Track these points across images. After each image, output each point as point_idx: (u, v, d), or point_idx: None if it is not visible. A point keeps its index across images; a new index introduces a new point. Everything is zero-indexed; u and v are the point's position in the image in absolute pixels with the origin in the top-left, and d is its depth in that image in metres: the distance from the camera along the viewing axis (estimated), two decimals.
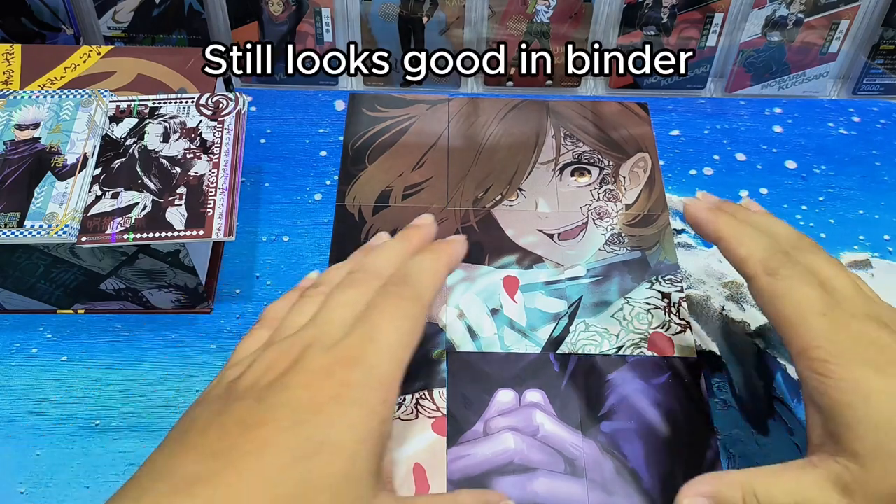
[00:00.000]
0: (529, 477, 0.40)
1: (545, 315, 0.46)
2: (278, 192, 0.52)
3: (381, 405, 0.30)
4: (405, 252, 0.36)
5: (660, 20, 0.56)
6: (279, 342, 0.32)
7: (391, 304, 0.33)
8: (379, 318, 0.32)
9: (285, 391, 0.29)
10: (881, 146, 0.56)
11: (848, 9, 0.56)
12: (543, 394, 0.43)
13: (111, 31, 0.57)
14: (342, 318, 0.32)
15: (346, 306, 0.33)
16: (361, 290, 0.34)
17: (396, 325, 0.32)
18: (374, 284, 0.34)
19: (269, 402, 0.29)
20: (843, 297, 0.34)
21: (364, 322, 0.32)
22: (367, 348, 0.31)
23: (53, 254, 0.41)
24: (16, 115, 0.43)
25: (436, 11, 0.56)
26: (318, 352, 0.31)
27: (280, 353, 0.31)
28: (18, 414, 0.42)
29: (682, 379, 0.44)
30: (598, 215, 0.51)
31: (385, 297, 0.33)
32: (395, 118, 0.56)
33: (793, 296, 0.34)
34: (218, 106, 0.45)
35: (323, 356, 0.30)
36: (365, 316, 0.32)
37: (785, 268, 0.35)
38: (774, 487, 0.32)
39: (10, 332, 0.45)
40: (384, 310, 0.32)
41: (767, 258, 0.36)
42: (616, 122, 0.56)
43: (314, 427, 0.28)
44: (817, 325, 0.33)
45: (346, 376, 0.30)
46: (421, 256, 0.35)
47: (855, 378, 0.31)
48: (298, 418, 0.28)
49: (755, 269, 0.36)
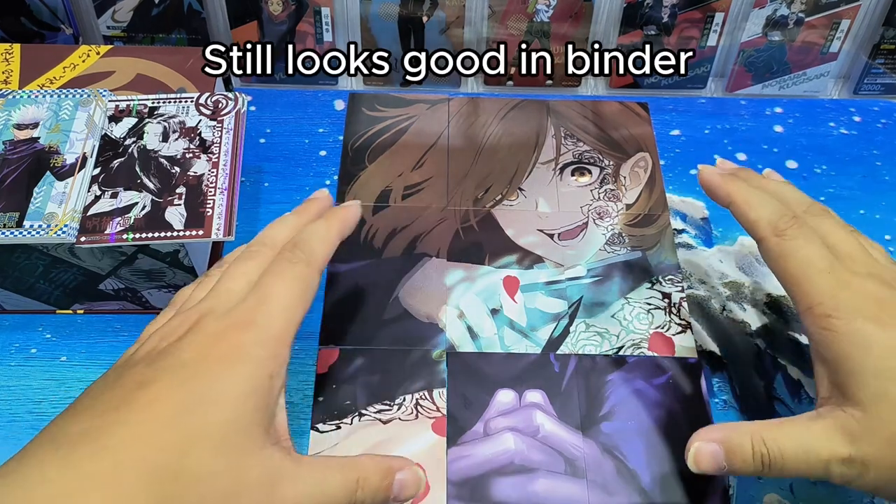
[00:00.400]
0: (530, 477, 0.40)
1: (545, 315, 0.46)
2: (278, 192, 0.52)
3: (270, 360, 0.31)
4: (299, 223, 0.38)
5: (660, 20, 0.56)
6: (176, 315, 0.33)
7: (282, 267, 0.34)
8: (271, 281, 0.33)
9: (176, 354, 0.30)
10: (882, 146, 0.56)
11: (849, 8, 0.56)
12: (543, 394, 0.43)
13: (110, 31, 0.57)
14: (238, 287, 0.34)
15: (242, 276, 0.34)
16: (257, 260, 0.35)
17: (287, 285, 0.33)
18: (268, 255, 0.35)
19: (159, 364, 0.30)
20: (847, 257, 0.35)
21: (257, 288, 0.33)
22: (258, 310, 0.32)
23: (53, 254, 0.41)
24: (15, 115, 0.43)
25: (436, 11, 0.56)
26: (213, 319, 0.32)
27: (176, 324, 0.32)
28: (18, 414, 0.41)
29: (682, 379, 0.44)
30: (599, 215, 0.51)
31: (277, 262, 0.34)
32: (395, 118, 0.56)
33: (798, 255, 0.35)
34: (217, 105, 0.44)
35: (217, 322, 0.32)
36: (259, 282, 0.34)
37: (792, 229, 0.36)
38: (783, 436, 0.33)
39: (9, 332, 0.44)
40: (275, 273, 0.34)
41: (776, 220, 0.37)
42: (616, 122, 0.56)
43: (200, 383, 0.29)
44: (821, 282, 0.34)
45: (238, 338, 0.31)
46: (313, 224, 0.37)
47: (856, 330, 0.33)
48: (186, 376, 0.29)
49: (765, 231, 0.37)
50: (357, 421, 0.42)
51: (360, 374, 0.43)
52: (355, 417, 0.42)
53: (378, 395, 0.42)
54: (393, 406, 0.42)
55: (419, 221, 0.50)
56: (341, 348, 0.44)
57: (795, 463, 0.33)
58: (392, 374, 0.43)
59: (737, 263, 0.49)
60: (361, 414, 0.42)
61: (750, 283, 0.48)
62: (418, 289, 0.47)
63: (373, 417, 0.42)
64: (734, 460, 0.34)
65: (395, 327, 0.45)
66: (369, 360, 0.44)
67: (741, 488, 0.40)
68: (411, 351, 0.44)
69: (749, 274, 0.49)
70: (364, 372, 0.43)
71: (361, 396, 0.42)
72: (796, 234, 0.36)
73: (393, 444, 0.41)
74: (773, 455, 0.33)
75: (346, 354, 0.44)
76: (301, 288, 0.34)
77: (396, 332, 0.45)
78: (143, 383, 0.29)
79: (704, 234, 0.50)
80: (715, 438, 0.35)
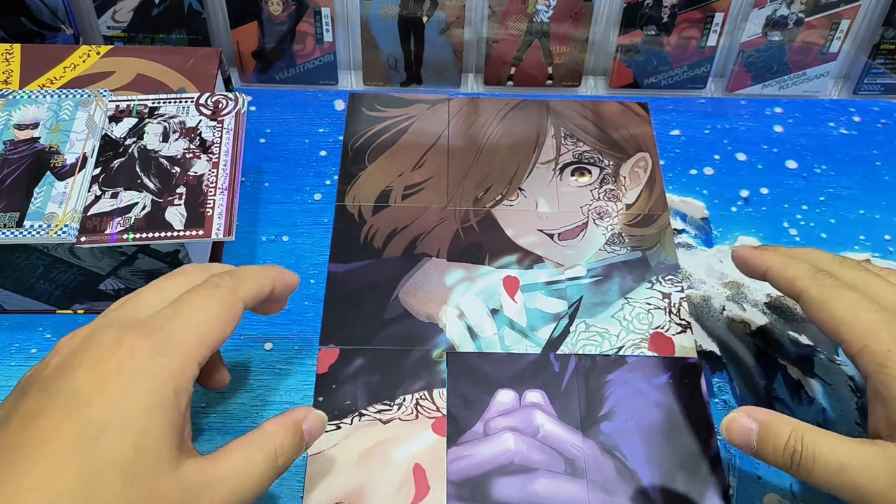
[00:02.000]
0: (530, 477, 0.40)
1: (545, 315, 0.46)
2: (278, 191, 0.52)
3: (175, 374, 0.29)
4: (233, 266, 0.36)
5: (660, 20, 0.56)
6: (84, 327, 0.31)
7: (206, 288, 0.32)
8: (190, 296, 0.32)
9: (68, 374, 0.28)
10: (882, 146, 0.56)
11: (848, 8, 0.56)
12: (543, 394, 0.43)
13: (111, 31, 0.57)
14: (149, 301, 0.32)
15: (157, 291, 0.33)
16: (178, 281, 0.33)
17: (206, 303, 0.32)
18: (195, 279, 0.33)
19: (51, 389, 0.28)
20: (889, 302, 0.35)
21: (175, 301, 0.31)
22: (167, 322, 0.30)
23: (53, 254, 0.41)
24: (15, 115, 0.43)
25: (436, 11, 0.56)
26: (112, 329, 0.30)
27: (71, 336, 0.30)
28: None
29: (682, 379, 0.44)
30: (599, 215, 0.51)
31: (202, 284, 0.33)
32: (395, 118, 0.56)
33: (843, 298, 0.35)
34: (217, 105, 0.44)
35: (115, 331, 0.29)
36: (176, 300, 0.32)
37: (830, 278, 0.36)
38: (824, 443, 0.33)
39: (9, 332, 0.44)
40: (198, 290, 0.32)
41: (813, 273, 0.37)
42: (616, 122, 0.56)
43: (96, 408, 0.27)
44: (871, 319, 0.34)
45: (135, 344, 0.29)
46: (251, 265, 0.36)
47: None
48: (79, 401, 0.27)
49: (804, 283, 0.37)
50: (357, 421, 0.42)
51: (360, 374, 0.43)
52: (355, 417, 0.42)
53: (378, 395, 0.42)
54: (393, 406, 0.42)
55: (419, 221, 0.50)
56: (341, 348, 0.44)
57: (826, 473, 0.32)
58: (392, 374, 0.43)
59: None
60: (361, 414, 0.42)
61: (750, 283, 0.48)
62: (418, 289, 0.47)
63: (373, 417, 0.42)
64: (766, 445, 0.34)
65: (395, 327, 0.45)
66: (369, 360, 0.44)
67: (741, 488, 0.40)
68: (411, 351, 0.44)
69: None
70: (364, 372, 0.43)
71: (361, 396, 0.42)
72: (837, 282, 0.36)
73: (393, 445, 0.41)
74: (805, 455, 0.33)
75: (347, 354, 0.44)
76: (222, 309, 0.32)
77: (396, 332, 0.45)
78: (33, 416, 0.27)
79: (704, 234, 0.50)
80: (756, 417, 0.34)
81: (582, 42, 0.58)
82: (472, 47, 0.58)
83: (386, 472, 0.40)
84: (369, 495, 0.39)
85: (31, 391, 0.28)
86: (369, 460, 0.40)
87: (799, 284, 0.37)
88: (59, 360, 0.29)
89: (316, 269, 0.48)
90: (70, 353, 0.29)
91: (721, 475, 0.40)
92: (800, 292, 0.37)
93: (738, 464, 0.41)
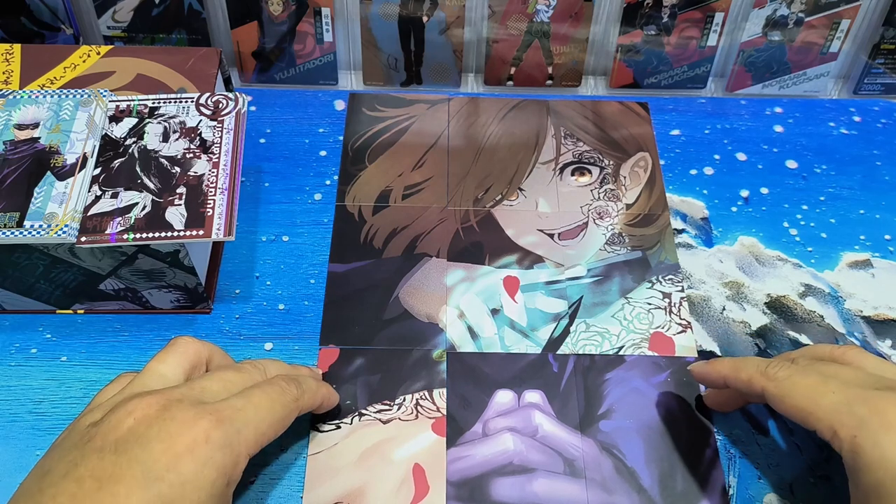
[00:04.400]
0: (529, 477, 0.40)
1: (546, 315, 0.46)
2: (278, 191, 0.52)
3: (233, 468, 0.32)
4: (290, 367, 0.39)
5: (660, 20, 0.56)
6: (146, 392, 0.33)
7: (275, 389, 0.35)
8: (259, 395, 0.34)
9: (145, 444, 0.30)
10: (882, 146, 0.56)
11: (849, 8, 0.56)
12: (542, 394, 0.43)
13: (111, 31, 0.57)
14: (216, 388, 0.34)
15: (223, 381, 0.35)
16: (244, 376, 0.36)
17: (272, 406, 0.34)
18: (256, 377, 0.36)
19: (127, 455, 0.30)
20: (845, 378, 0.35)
21: (242, 395, 0.34)
22: (237, 413, 0.32)
23: (53, 254, 0.41)
24: (15, 115, 0.43)
25: (436, 11, 0.56)
26: (187, 405, 0.32)
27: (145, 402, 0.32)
28: (18, 414, 0.41)
29: (681, 378, 0.44)
30: (599, 215, 0.51)
31: (270, 383, 0.35)
32: (395, 118, 0.56)
33: (798, 389, 0.35)
34: (217, 106, 0.44)
35: (190, 409, 0.32)
36: (244, 392, 0.34)
37: (782, 370, 0.36)
38: None
39: (9, 332, 0.44)
40: (266, 391, 0.35)
41: (764, 369, 0.37)
42: (616, 122, 0.56)
43: (167, 485, 0.30)
44: (831, 402, 0.34)
45: (210, 430, 0.31)
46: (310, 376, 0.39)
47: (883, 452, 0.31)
48: (153, 475, 0.30)
49: (759, 382, 0.36)
50: (357, 421, 0.42)
51: (360, 374, 0.43)
52: (355, 417, 0.42)
53: (378, 395, 0.42)
54: (393, 406, 0.42)
55: (419, 221, 0.50)
56: (341, 348, 0.44)
57: None
58: (392, 374, 0.43)
59: (737, 263, 0.49)
60: (361, 414, 0.42)
61: (750, 283, 0.48)
62: (418, 289, 0.47)
63: (373, 417, 0.42)
64: None
65: (395, 327, 0.45)
66: (369, 360, 0.44)
67: (741, 488, 0.40)
68: (411, 351, 0.44)
69: (749, 274, 0.49)
70: (364, 372, 0.43)
71: (361, 396, 0.42)
72: (788, 374, 0.36)
73: (393, 445, 0.41)
74: None
75: (347, 354, 0.44)
76: (283, 415, 0.35)
77: (396, 332, 0.45)
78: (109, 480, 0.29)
79: (704, 234, 0.50)
80: None
81: (582, 42, 0.58)
82: (472, 47, 0.58)
83: (385, 472, 0.40)
84: (369, 495, 0.39)
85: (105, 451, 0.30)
86: (369, 460, 0.40)
87: (755, 385, 0.37)
88: (134, 425, 0.31)
89: (316, 269, 0.48)
90: (146, 421, 0.31)
91: (720, 473, 0.40)
92: (761, 392, 0.36)
93: (738, 463, 0.41)
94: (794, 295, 0.48)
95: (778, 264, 0.49)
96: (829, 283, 0.48)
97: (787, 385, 0.35)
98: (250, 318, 0.46)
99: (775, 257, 0.49)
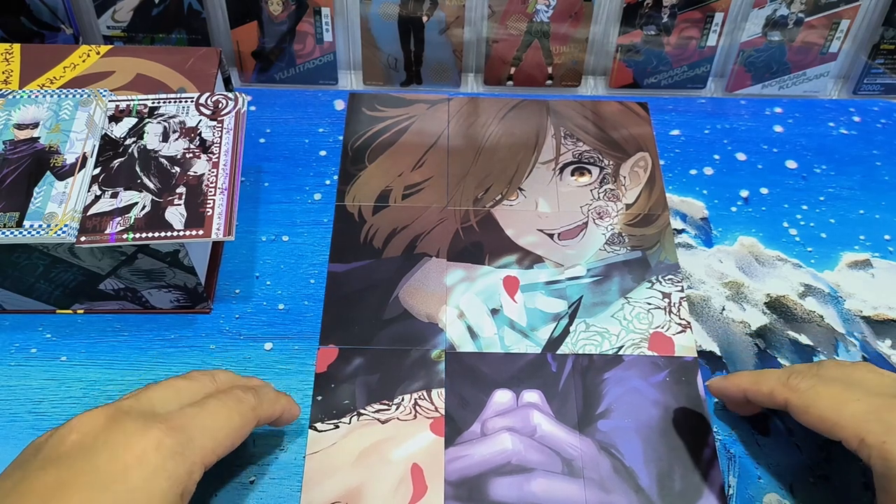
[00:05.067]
0: (527, 477, 0.40)
1: (545, 315, 0.46)
2: (278, 191, 0.52)
3: (187, 477, 0.31)
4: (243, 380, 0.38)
5: (660, 20, 0.56)
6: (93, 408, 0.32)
7: (231, 398, 0.34)
8: (214, 404, 0.33)
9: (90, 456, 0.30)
10: (882, 146, 0.56)
11: (848, 8, 0.56)
12: (541, 394, 0.43)
13: (110, 31, 0.57)
14: (166, 397, 0.33)
15: (172, 389, 0.34)
16: (193, 384, 0.35)
17: (229, 415, 0.34)
18: (207, 384, 0.35)
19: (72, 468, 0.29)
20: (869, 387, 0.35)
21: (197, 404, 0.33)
22: (190, 422, 0.32)
23: (52, 254, 0.41)
24: (15, 115, 0.43)
25: (436, 11, 0.56)
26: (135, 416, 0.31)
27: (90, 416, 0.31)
28: (18, 414, 0.42)
29: (681, 378, 0.44)
30: (599, 215, 0.51)
31: (227, 393, 0.35)
32: (395, 118, 0.56)
33: (822, 398, 0.35)
34: (217, 105, 0.44)
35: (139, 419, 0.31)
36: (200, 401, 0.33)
37: (805, 380, 0.36)
38: None
39: (9, 332, 0.45)
40: (222, 400, 0.34)
41: (786, 380, 0.37)
42: (616, 122, 0.56)
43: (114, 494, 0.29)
44: (856, 411, 0.34)
45: (161, 439, 0.30)
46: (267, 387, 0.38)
47: None
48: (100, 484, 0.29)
49: (782, 394, 0.37)
50: (355, 420, 0.42)
51: (359, 374, 0.43)
52: (354, 417, 0.42)
53: (377, 395, 0.42)
54: (391, 406, 0.42)
55: (419, 221, 0.50)
56: (340, 348, 0.44)
57: None
58: (391, 374, 0.43)
59: (736, 263, 0.49)
60: (360, 413, 0.42)
61: (749, 284, 0.48)
62: (418, 289, 0.47)
63: (371, 417, 0.42)
64: None
65: (394, 327, 0.45)
66: (368, 360, 0.44)
67: (741, 488, 0.40)
68: (410, 351, 0.44)
69: (749, 274, 0.49)
70: (363, 371, 0.43)
71: (360, 396, 0.42)
72: (812, 384, 0.36)
73: (391, 444, 0.41)
74: None
75: (346, 354, 0.44)
76: (240, 424, 0.34)
77: (396, 332, 0.45)
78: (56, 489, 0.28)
79: (704, 234, 0.50)
80: None
81: (582, 42, 0.58)
82: (472, 47, 0.58)
83: (384, 471, 0.40)
84: (367, 495, 0.39)
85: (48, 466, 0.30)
86: (367, 460, 0.40)
87: (778, 396, 0.37)
88: (79, 439, 0.30)
89: (316, 269, 0.48)
90: (91, 434, 0.30)
91: (718, 473, 0.40)
92: (784, 403, 0.36)
93: (738, 463, 0.41)
94: (794, 295, 0.48)
95: (778, 264, 0.49)
96: (829, 283, 0.48)
97: (810, 395, 0.35)
98: (250, 317, 0.46)
99: (775, 257, 0.49)
